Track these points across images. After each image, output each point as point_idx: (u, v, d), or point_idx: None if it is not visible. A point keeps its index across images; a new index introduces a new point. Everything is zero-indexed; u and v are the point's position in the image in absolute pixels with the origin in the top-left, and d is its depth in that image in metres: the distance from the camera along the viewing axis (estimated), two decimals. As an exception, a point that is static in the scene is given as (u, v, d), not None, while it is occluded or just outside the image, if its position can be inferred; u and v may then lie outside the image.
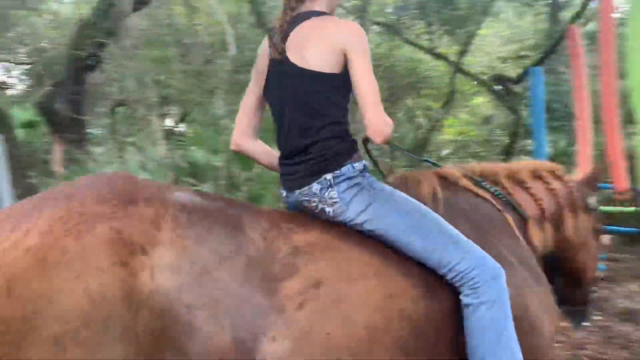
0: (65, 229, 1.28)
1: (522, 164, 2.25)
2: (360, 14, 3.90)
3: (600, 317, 5.04)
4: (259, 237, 1.49)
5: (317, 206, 1.68)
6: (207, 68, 5.98)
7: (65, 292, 1.23)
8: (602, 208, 6.95)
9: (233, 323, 1.37)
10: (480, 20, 7.08)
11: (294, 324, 1.40)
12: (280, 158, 1.82)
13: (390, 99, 10.12)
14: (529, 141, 6.00)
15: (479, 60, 11.57)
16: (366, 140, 1.91)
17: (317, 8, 1.74)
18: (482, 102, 12.18)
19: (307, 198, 1.70)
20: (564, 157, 5.29)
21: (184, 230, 1.39)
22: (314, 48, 1.66)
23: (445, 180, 1.96)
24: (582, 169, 4.21)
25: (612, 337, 4.60)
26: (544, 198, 2.10)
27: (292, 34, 1.70)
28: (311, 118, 1.71)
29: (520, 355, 1.57)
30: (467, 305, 1.57)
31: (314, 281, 1.47)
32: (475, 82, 6.34)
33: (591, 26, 6.97)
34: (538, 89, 4.61)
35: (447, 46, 10.66)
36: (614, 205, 7.40)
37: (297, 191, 1.72)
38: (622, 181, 4.13)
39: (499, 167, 2.11)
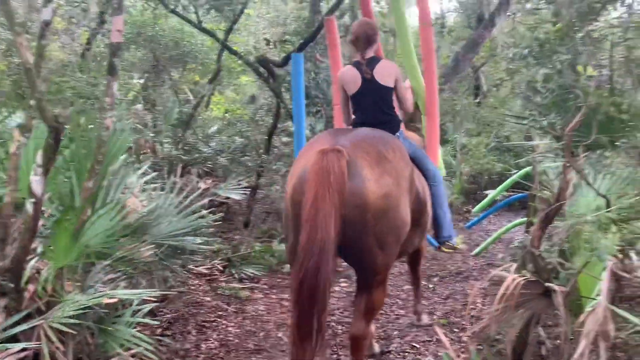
0: (401, 152, 3.18)
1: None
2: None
3: (346, 284, 5.63)
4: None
5: None
6: None
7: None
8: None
9: (424, 187, 3.50)
10: (247, 0, 7.15)
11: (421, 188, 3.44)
12: (359, 126, 3.55)
13: (154, 71, 9.65)
14: (291, 123, 6.29)
15: (245, 39, 11.73)
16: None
17: (372, 54, 3.62)
18: (248, 81, 12.44)
19: None
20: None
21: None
22: (386, 76, 3.56)
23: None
24: None
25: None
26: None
27: (376, 67, 3.55)
28: (387, 108, 3.62)
29: None
30: (436, 186, 3.66)
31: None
32: (241, 62, 6.40)
33: (347, 18, 7.57)
34: (299, 75, 4.86)
35: (215, 22, 10.54)
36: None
37: None
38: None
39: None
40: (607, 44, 3.20)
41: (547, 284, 3.01)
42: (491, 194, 7.35)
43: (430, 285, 5.93)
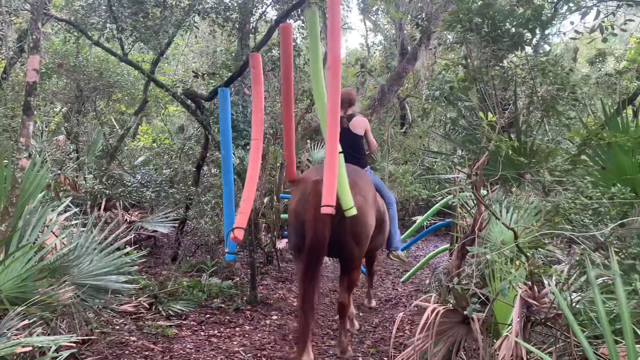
0: (367, 180, 4.73)
1: None
2: (38, 7, 3.45)
3: (276, 317, 5.61)
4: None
5: None
6: None
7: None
8: (283, 216, 7.72)
9: (383, 205, 5.05)
10: (174, 33, 7.11)
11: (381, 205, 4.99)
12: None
13: (77, 100, 9.36)
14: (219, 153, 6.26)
15: (173, 69, 11.62)
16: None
17: (352, 111, 5.32)
18: (176, 111, 12.29)
19: None
20: (249, 172, 5.70)
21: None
22: (358, 127, 5.28)
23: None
24: (251, 181, 4.68)
25: (286, 335, 5.16)
26: None
27: (352, 121, 5.26)
28: (358, 150, 5.30)
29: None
30: (390, 208, 5.17)
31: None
32: (168, 93, 6.33)
33: (275, 52, 7.70)
34: (226, 109, 4.88)
35: (142, 52, 10.39)
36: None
37: None
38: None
39: None
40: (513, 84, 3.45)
41: (465, 312, 3.15)
42: (418, 220, 7.59)
43: (361, 314, 6.00)
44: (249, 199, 4.40)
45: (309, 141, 9.49)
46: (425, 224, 7.90)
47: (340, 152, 4.17)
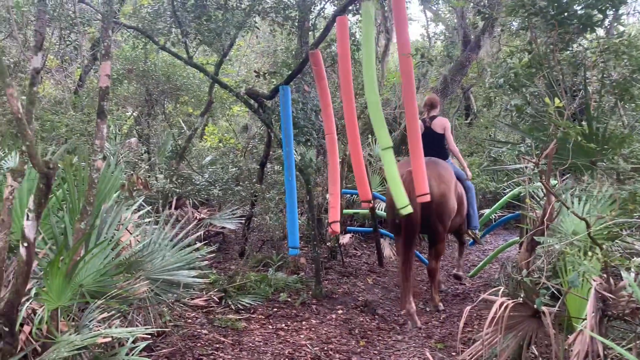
0: (449, 171, 5.92)
1: None
2: (109, 16, 3.63)
3: (342, 311, 5.64)
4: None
5: None
6: None
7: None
8: (345, 211, 7.76)
9: (462, 192, 6.08)
10: (236, 34, 7.28)
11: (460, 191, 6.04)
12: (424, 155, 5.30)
13: (147, 104, 9.76)
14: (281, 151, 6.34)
15: (236, 70, 11.88)
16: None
17: (435, 113, 6.26)
18: (240, 111, 12.57)
19: None
20: (310, 168, 5.78)
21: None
22: (439, 127, 6.14)
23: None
24: (333, 175, 4.68)
25: (352, 329, 5.18)
26: None
27: (434, 122, 6.17)
28: (439, 146, 6.15)
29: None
30: (469, 193, 6.22)
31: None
32: (232, 94, 6.49)
33: (334, 48, 7.70)
34: (287, 106, 4.95)
35: (206, 55, 10.69)
36: (353, 208, 8.39)
37: None
38: (366, 193, 4.67)
39: None
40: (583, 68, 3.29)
41: (535, 306, 3.05)
42: (486, 213, 7.39)
43: (427, 309, 5.93)
44: (336, 193, 4.81)
45: (369, 136, 9.44)
46: (493, 216, 7.68)
47: (389, 148, 4.51)
